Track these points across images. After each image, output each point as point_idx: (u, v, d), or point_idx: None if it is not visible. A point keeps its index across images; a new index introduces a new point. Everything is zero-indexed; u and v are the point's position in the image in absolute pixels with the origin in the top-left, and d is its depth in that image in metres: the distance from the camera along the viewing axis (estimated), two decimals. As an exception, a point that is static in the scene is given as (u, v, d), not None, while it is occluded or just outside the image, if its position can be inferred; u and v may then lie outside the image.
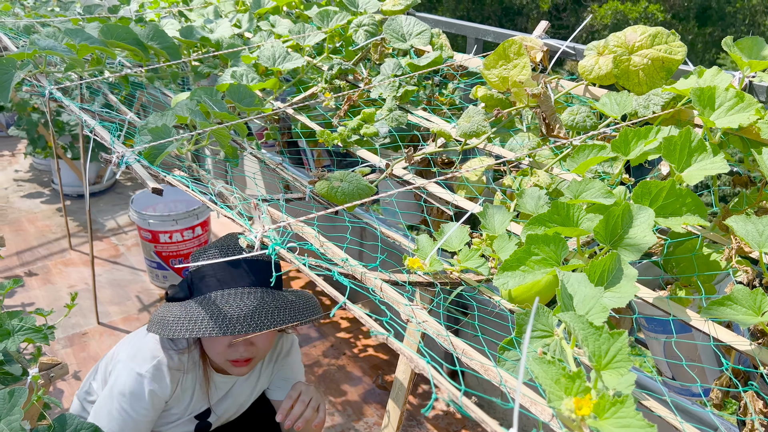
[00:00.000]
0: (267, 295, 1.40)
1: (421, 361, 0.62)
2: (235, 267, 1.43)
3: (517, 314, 0.84)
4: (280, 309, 1.38)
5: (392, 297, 0.85)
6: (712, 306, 0.94)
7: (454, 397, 0.58)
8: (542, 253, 0.98)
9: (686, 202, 1.04)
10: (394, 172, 1.48)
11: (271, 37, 2.11)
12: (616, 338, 0.72)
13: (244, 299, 1.37)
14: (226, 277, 1.43)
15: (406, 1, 2.06)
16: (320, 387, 2.41)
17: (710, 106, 1.11)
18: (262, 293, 1.40)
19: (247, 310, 1.34)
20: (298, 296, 1.50)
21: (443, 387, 0.59)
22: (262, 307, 1.36)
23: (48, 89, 1.52)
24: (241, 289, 1.40)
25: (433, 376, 0.59)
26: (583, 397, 0.62)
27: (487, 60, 1.49)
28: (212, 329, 1.30)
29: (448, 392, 0.57)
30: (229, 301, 1.37)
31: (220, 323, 1.31)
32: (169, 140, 1.26)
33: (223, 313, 1.34)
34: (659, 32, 1.32)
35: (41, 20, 2.39)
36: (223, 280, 1.42)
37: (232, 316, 1.32)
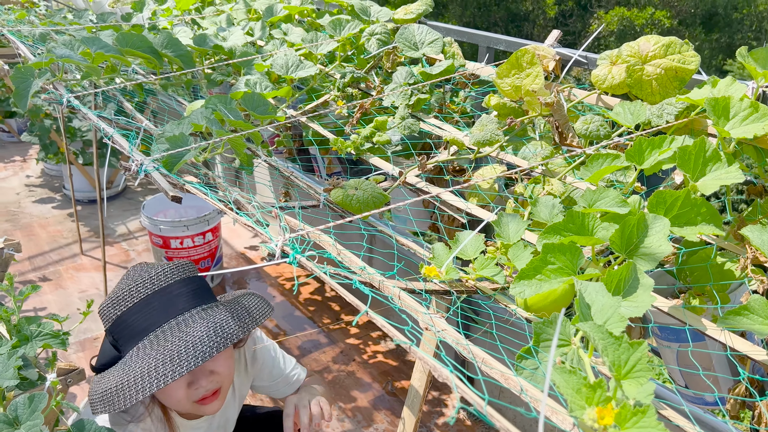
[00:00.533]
0: (205, 313, 1.23)
1: (444, 370, 0.63)
2: (155, 299, 1.24)
3: (535, 323, 0.84)
4: (226, 321, 1.21)
5: (410, 305, 0.86)
6: (728, 316, 0.94)
7: (479, 406, 0.59)
8: (558, 262, 0.99)
9: (701, 211, 1.05)
10: (407, 179, 1.49)
11: (284, 46, 2.13)
12: (636, 348, 0.72)
13: (182, 328, 1.19)
14: (151, 314, 1.23)
15: (418, 10, 2.08)
16: (330, 393, 2.42)
17: (725, 116, 1.11)
18: (198, 313, 1.24)
19: (193, 338, 1.16)
20: (237, 300, 1.33)
21: (467, 396, 0.59)
22: (207, 327, 1.18)
23: (66, 98, 1.54)
24: (173, 320, 1.22)
25: (457, 386, 0.60)
26: (605, 407, 0.62)
27: (500, 69, 1.50)
28: (164, 376, 1.11)
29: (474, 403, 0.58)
30: (167, 337, 1.18)
31: (169, 365, 1.12)
32: (187, 149, 1.27)
33: (168, 352, 1.14)
34: (673, 42, 1.33)
35: (56, 28, 2.42)
36: (150, 319, 1.23)
37: (179, 352, 1.13)
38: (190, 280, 1.31)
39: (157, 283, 1.26)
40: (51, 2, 4.70)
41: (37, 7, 4.28)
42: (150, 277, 1.26)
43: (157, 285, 1.25)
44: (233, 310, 1.26)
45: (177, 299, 1.25)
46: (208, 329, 1.17)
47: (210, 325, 1.19)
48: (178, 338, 1.17)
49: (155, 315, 1.22)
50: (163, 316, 1.22)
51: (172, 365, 1.12)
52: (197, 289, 1.30)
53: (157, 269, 1.28)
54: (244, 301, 1.32)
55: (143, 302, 1.23)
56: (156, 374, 1.11)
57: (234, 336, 1.18)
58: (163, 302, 1.24)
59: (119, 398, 1.12)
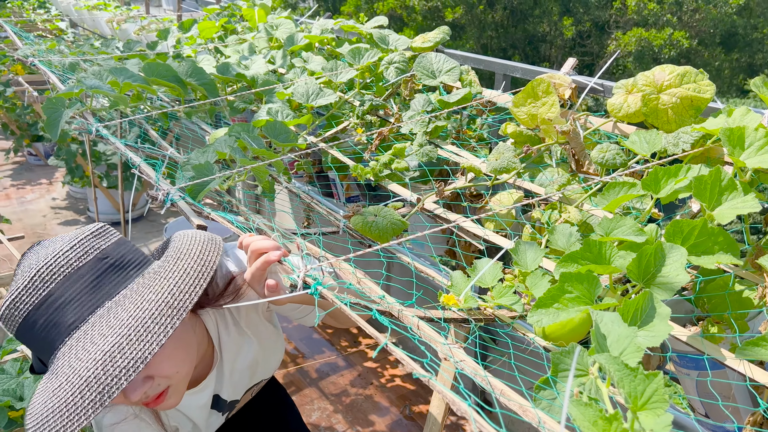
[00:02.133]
0: (127, 301, 0.91)
1: (462, 404, 0.64)
2: (41, 313, 0.91)
3: (553, 353, 0.86)
4: (160, 305, 0.90)
5: (429, 335, 0.88)
6: (747, 347, 0.94)
7: (496, 438, 0.60)
8: (576, 290, 1.00)
9: (718, 240, 1.06)
10: (424, 206, 1.52)
11: (305, 74, 2.18)
12: (652, 379, 0.73)
13: (100, 329, 0.88)
14: (57, 314, 0.91)
15: (436, 39, 2.12)
16: (348, 416, 2.43)
17: (740, 146, 1.13)
18: (117, 302, 0.92)
19: (112, 341, 0.86)
20: (167, 262, 0.97)
21: (485, 430, 0.61)
22: (133, 319, 0.88)
23: (95, 127, 1.59)
24: (91, 318, 0.90)
25: (476, 420, 0.62)
26: (620, 439, 0.63)
27: (516, 98, 1.53)
28: (91, 404, 0.83)
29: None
30: (84, 346, 0.88)
31: (94, 389, 0.83)
32: (212, 177, 1.31)
33: (90, 371, 0.84)
34: (688, 71, 1.35)
35: (85, 57, 2.50)
36: (46, 335, 0.91)
37: (102, 370, 0.84)
38: (97, 261, 0.95)
39: (43, 285, 0.91)
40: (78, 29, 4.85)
41: (65, 34, 4.42)
42: (39, 273, 0.91)
43: (44, 288, 0.91)
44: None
45: (68, 307, 0.91)
46: (103, 354, 0.85)
47: (141, 307, 0.89)
48: (94, 346, 0.87)
49: (49, 331, 0.91)
50: (55, 333, 0.91)
51: (98, 387, 0.84)
52: (103, 272, 0.95)
53: (48, 258, 0.92)
54: (180, 262, 0.96)
55: (30, 316, 0.91)
56: (83, 404, 0.84)
57: (149, 349, 0.86)
58: (51, 316, 0.91)
59: (59, 425, 0.85)
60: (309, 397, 2.53)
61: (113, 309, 0.91)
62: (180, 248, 0.99)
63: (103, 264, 0.95)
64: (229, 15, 3.06)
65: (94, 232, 0.98)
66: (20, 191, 4.87)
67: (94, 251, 0.95)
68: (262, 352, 1.26)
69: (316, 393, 2.56)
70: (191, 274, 0.95)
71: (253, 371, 1.28)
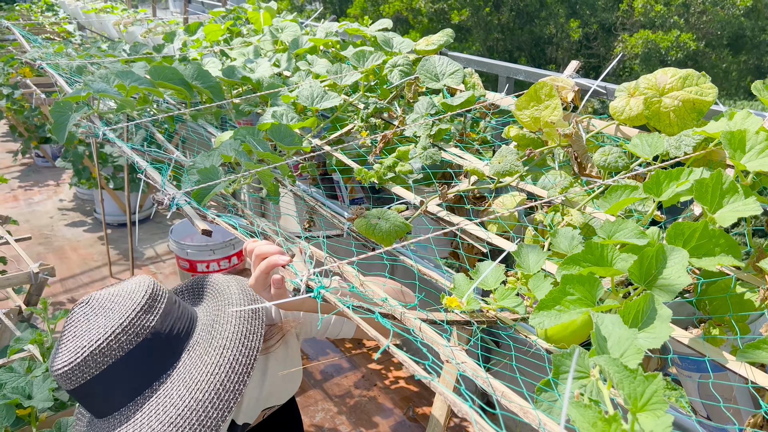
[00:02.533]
0: (176, 389, 0.97)
1: (464, 406, 0.65)
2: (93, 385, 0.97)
3: (554, 355, 0.86)
4: (211, 396, 0.95)
5: (431, 337, 0.88)
6: (747, 349, 0.95)
7: (495, 438, 0.61)
8: (577, 292, 1.01)
9: (720, 242, 1.06)
10: (428, 208, 1.53)
11: (309, 77, 2.19)
12: (651, 380, 0.74)
13: (156, 414, 0.95)
14: (106, 392, 0.97)
15: (439, 41, 2.13)
16: (352, 417, 2.44)
17: (741, 149, 1.13)
18: (167, 388, 0.98)
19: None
20: (214, 348, 1.01)
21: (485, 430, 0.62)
22: (188, 410, 0.94)
23: (101, 131, 1.61)
24: (140, 400, 0.97)
25: (477, 421, 0.63)
26: (619, 442, 0.64)
27: (519, 101, 1.53)
28: None
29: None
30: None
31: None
32: (217, 182, 1.32)
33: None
34: (690, 74, 1.35)
35: (92, 61, 2.53)
36: (108, 399, 0.98)
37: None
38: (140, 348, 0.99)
39: (96, 365, 0.96)
40: (85, 32, 4.89)
41: (73, 37, 4.45)
42: (93, 355, 0.96)
43: (97, 368, 0.96)
44: (208, 378, 0.97)
45: (118, 386, 0.97)
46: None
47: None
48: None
49: (99, 404, 0.99)
50: (103, 407, 0.98)
51: None
52: (153, 352, 1.00)
53: (100, 341, 0.96)
54: (226, 351, 1.00)
55: (79, 389, 0.97)
56: None
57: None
58: (100, 392, 0.97)
59: None
60: (313, 398, 2.54)
61: (161, 398, 0.96)
62: (224, 331, 1.03)
63: (153, 344, 0.99)
64: (235, 18, 3.07)
65: (144, 306, 1.00)
66: (28, 193, 4.90)
67: (144, 331, 0.99)
68: (282, 380, 1.29)
69: (320, 394, 2.57)
70: (239, 362, 0.99)
71: (269, 396, 1.30)
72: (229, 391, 0.96)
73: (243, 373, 0.98)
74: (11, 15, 5.04)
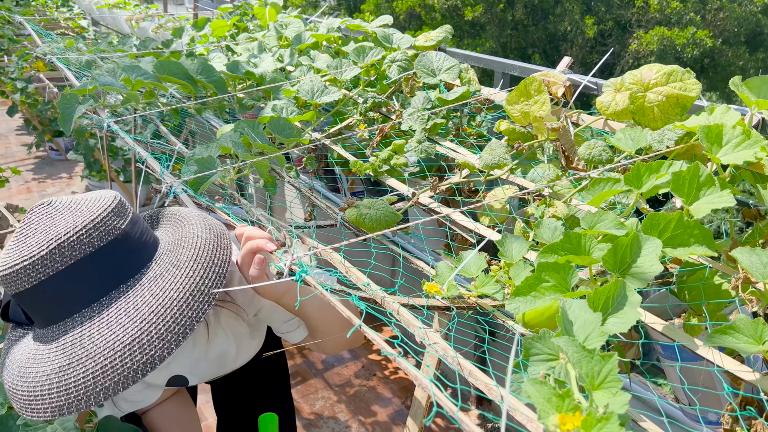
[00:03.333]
0: (146, 291, 0.91)
1: (424, 380, 0.69)
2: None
3: (525, 338, 0.90)
4: (181, 305, 0.90)
5: (408, 320, 0.93)
6: (714, 334, 0.98)
7: (451, 411, 0.65)
8: (552, 279, 1.05)
9: (694, 233, 1.09)
10: (420, 200, 1.57)
11: (311, 72, 2.24)
12: (607, 360, 0.78)
13: (117, 317, 0.88)
14: (70, 289, 0.90)
15: (438, 38, 2.16)
16: (351, 406, 2.49)
17: (718, 143, 1.16)
18: (135, 290, 0.92)
19: (132, 334, 0.86)
20: (185, 255, 0.96)
21: (443, 403, 0.66)
22: (154, 315, 0.88)
23: (106, 122, 1.67)
24: (106, 300, 0.91)
25: (435, 394, 0.67)
26: (567, 414, 0.68)
27: (510, 96, 1.57)
28: (102, 391, 0.85)
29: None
30: (100, 330, 0.88)
31: (109, 377, 0.84)
32: (213, 171, 1.38)
33: (107, 359, 0.85)
34: (674, 70, 1.38)
35: (101, 55, 2.59)
36: (71, 299, 0.91)
37: (120, 361, 0.85)
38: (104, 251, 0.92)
39: (62, 260, 0.89)
40: (99, 28, 4.97)
41: (86, 32, 4.53)
42: (60, 248, 0.89)
43: (62, 263, 0.89)
44: (177, 287, 0.91)
45: (83, 284, 0.91)
46: (123, 345, 0.86)
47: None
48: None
49: (57, 304, 0.91)
50: (63, 306, 0.91)
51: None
52: (124, 255, 0.94)
53: (69, 234, 0.90)
54: (197, 263, 0.95)
55: (39, 286, 0.89)
56: (76, 396, 0.85)
57: (168, 348, 0.87)
58: (63, 290, 0.90)
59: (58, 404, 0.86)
60: (314, 387, 2.60)
61: (131, 297, 0.90)
62: (194, 243, 0.98)
63: (123, 245, 0.94)
64: (242, 14, 3.13)
65: (114, 209, 0.96)
66: (41, 185, 5.00)
67: (115, 231, 0.94)
68: (235, 348, 1.26)
69: (321, 383, 2.62)
70: (212, 269, 0.95)
71: (222, 364, 1.28)
72: (203, 294, 0.91)
73: (215, 279, 0.94)
74: (27, 11, 5.14)
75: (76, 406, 0.85)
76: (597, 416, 0.70)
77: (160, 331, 0.87)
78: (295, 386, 2.61)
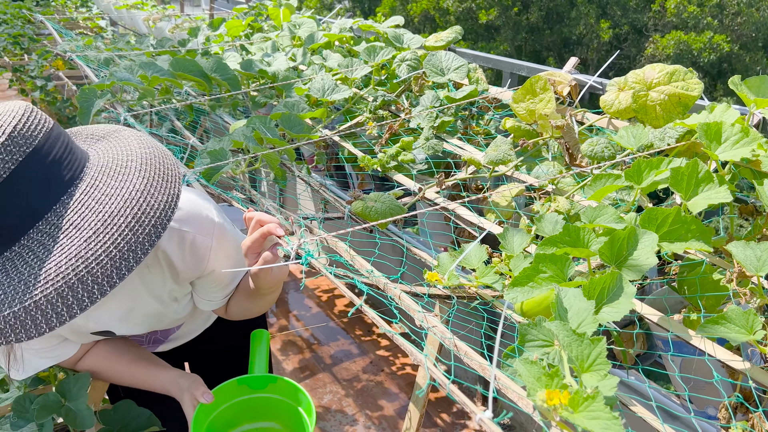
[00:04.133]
0: (81, 218, 0.80)
1: (418, 355, 0.73)
2: None
3: (520, 325, 0.94)
4: (126, 237, 0.79)
5: (407, 305, 0.96)
6: (707, 324, 1.01)
7: (443, 383, 0.69)
8: (549, 270, 1.08)
9: (691, 228, 1.12)
10: (426, 195, 1.60)
11: (323, 70, 2.28)
12: (596, 344, 0.81)
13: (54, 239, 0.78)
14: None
15: (448, 38, 2.20)
16: (358, 400, 2.52)
17: (717, 140, 1.18)
18: (73, 213, 0.80)
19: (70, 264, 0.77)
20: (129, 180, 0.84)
21: (436, 376, 0.70)
22: (95, 243, 0.78)
23: (123, 116, 1.72)
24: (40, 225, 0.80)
25: (429, 368, 0.70)
26: (554, 390, 0.71)
27: (516, 94, 1.60)
28: (24, 333, 0.77)
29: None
30: (36, 253, 0.78)
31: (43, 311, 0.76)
32: (225, 162, 1.42)
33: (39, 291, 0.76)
34: (677, 70, 1.40)
35: (119, 53, 2.66)
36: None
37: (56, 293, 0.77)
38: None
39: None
40: (117, 27, 5.06)
41: (105, 32, 4.62)
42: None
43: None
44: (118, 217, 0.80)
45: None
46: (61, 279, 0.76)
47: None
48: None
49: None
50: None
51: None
52: (51, 173, 0.82)
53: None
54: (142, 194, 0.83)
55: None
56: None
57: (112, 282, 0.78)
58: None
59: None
60: (322, 381, 2.64)
61: (62, 223, 0.79)
62: (145, 174, 0.86)
63: (50, 162, 0.82)
64: (256, 14, 3.18)
65: (30, 123, 0.82)
66: (60, 181, 5.09)
67: (33, 143, 0.81)
68: (161, 309, 1.14)
69: (329, 377, 2.66)
70: (163, 177, 0.87)
71: (150, 325, 1.18)
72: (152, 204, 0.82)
73: (172, 187, 0.85)
74: (47, 10, 5.25)
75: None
76: (583, 395, 0.73)
77: (103, 262, 0.78)
78: (304, 380, 2.65)
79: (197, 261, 1.06)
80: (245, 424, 1.14)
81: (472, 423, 2.40)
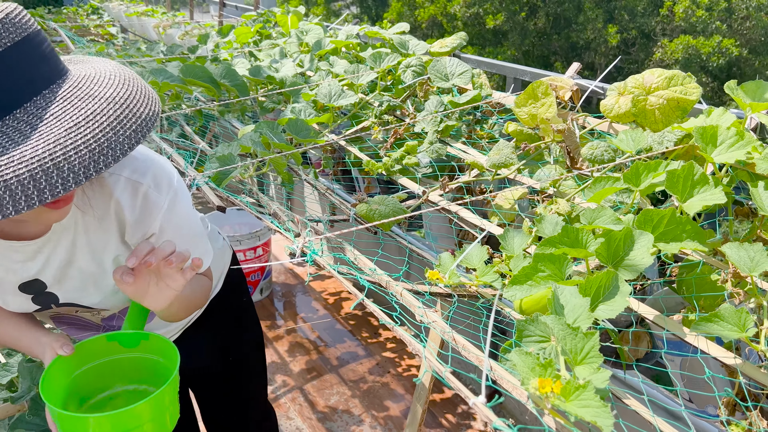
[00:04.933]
0: (64, 111, 0.79)
1: (417, 345, 0.76)
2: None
3: (518, 321, 0.97)
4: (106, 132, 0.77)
5: (409, 301, 1.00)
6: (701, 321, 1.04)
7: (440, 371, 0.72)
8: (547, 269, 1.11)
9: (686, 229, 1.15)
10: (430, 198, 1.64)
11: (329, 76, 2.32)
12: (590, 338, 0.84)
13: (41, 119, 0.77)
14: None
15: (453, 44, 2.24)
16: (365, 402, 2.56)
17: (712, 144, 1.21)
18: (55, 106, 0.79)
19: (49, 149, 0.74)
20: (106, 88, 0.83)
21: (434, 364, 0.73)
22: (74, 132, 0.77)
23: (135, 121, 1.77)
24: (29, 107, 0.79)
25: (426, 357, 0.74)
26: (546, 379, 0.74)
27: (518, 99, 1.63)
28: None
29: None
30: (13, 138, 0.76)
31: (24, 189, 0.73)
32: (234, 166, 1.46)
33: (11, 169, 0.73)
34: (675, 75, 1.44)
35: (130, 60, 2.71)
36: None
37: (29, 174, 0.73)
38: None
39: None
40: (128, 34, 5.14)
41: (116, 39, 4.70)
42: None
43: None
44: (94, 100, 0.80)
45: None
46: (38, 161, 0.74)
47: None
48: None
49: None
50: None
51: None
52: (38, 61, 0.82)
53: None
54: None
55: None
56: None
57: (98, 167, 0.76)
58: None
59: None
60: (329, 382, 2.67)
61: (44, 114, 0.78)
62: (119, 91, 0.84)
63: (36, 56, 0.81)
64: (265, 21, 3.24)
65: (23, 16, 0.82)
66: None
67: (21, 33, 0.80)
68: (98, 271, 1.06)
69: (335, 379, 2.69)
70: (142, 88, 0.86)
71: (84, 288, 1.09)
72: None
73: (153, 105, 0.85)
74: (59, 18, 5.34)
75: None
76: (575, 385, 0.76)
77: (81, 151, 0.76)
78: (311, 381, 2.68)
79: (145, 217, 1.01)
80: (117, 386, 1.04)
81: (477, 424, 2.43)
